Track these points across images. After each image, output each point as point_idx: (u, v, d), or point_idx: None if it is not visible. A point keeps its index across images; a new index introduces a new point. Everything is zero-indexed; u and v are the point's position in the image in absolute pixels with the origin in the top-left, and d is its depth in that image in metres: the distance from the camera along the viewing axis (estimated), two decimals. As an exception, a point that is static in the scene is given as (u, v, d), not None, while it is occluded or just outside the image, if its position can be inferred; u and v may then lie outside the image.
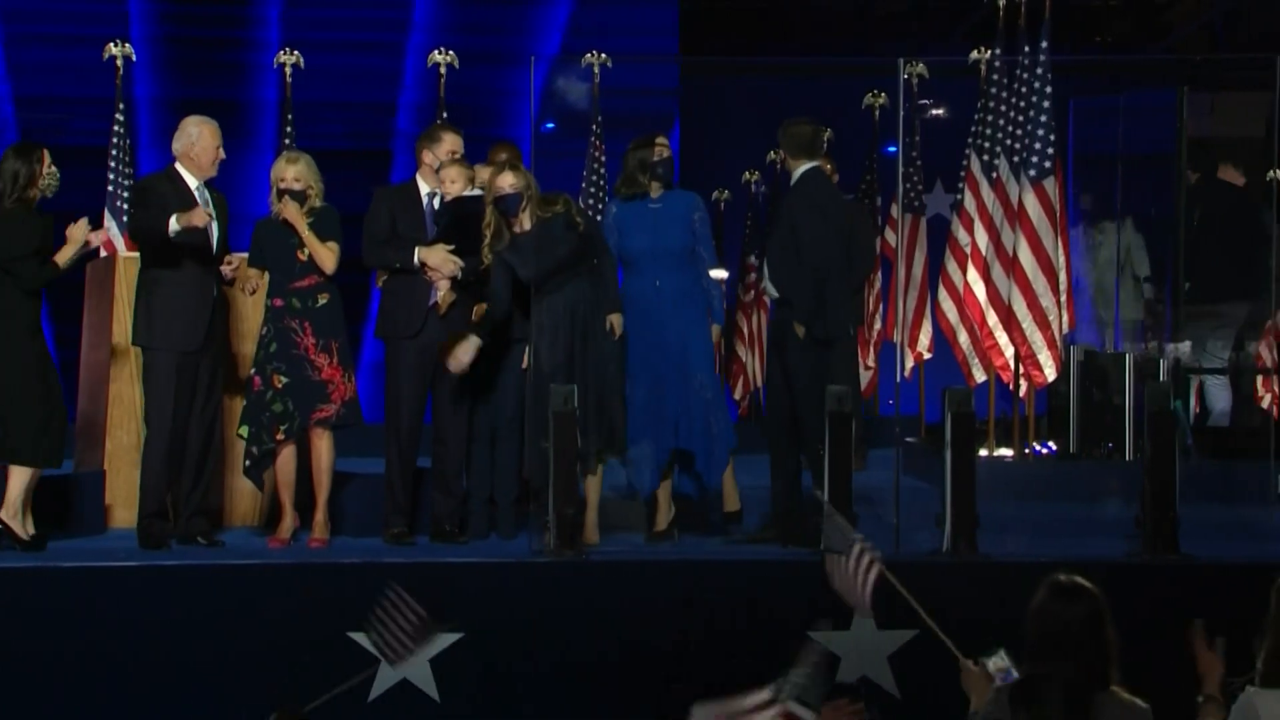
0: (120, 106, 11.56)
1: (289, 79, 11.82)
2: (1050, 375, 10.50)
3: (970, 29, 14.20)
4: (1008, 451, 11.14)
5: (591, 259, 8.96)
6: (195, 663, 7.99)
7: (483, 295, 9.03)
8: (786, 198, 9.28)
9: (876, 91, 13.18)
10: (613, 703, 8.01)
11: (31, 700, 7.89)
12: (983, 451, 10.66)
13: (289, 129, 11.71)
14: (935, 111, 13.43)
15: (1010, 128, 10.70)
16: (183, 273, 8.75)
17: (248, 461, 9.00)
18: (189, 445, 8.85)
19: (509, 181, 8.90)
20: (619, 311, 8.94)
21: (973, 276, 10.87)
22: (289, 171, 9.01)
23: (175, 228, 8.58)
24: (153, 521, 8.79)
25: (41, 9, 14.26)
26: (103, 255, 10.31)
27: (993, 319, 10.64)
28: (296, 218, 8.88)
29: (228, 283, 9.00)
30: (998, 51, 11.03)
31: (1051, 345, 10.38)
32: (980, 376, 11.04)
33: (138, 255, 9.06)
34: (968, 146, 11.23)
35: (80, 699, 7.93)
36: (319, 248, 8.90)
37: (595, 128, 12.18)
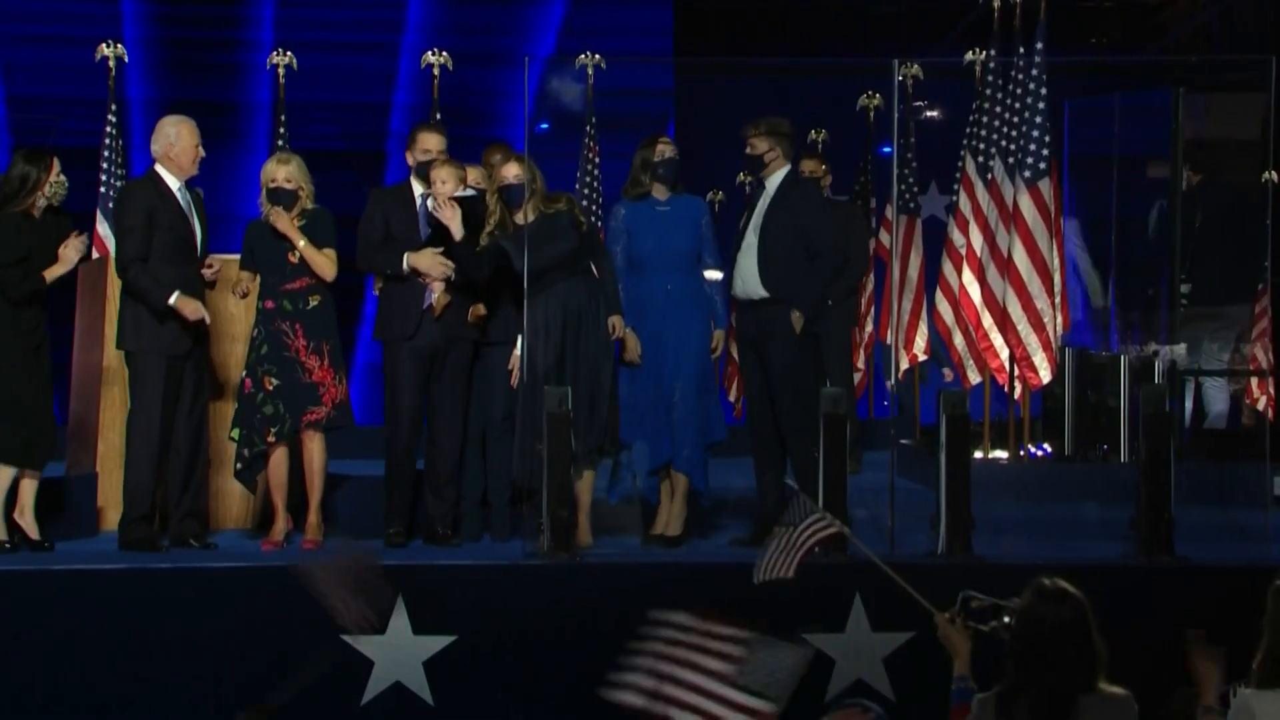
0: (113, 108, 11.53)
1: (282, 80, 11.75)
2: (1045, 377, 10.50)
3: (965, 30, 14.16)
4: (1003, 454, 11.14)
5: (589, 261, 8.98)
6: (189, 666, 8.00)
7: (476, 295, 8.99)
8: (783, 192, 9.20)
9: (871, 92, 13.12)
10: (606, 706, 7.97)
11: (24, 703, 7.90)
12: (978, 454, 10.66)
13: (282, 130, 11.67)
14: (930, 113, 13.37)
15: (1005, 129, 10.69)
16: (167, 277, 8.70)
17: (239, 464, 8.99)
18: (176, 449, 8.82)
19: (514, 172, 8.92)
20: (619, 313, 8.94)
21: (968, 278, 10.87)
22: (280, 172, 8.99)
23: (171, 304, 8.59)
24: (136, 525, 8.76)
25: (33, 9, 14.22)
26: (95, 257, 10.28)
27: (988, 321, 10.63)
28: (289, 229, 8.85)
29: (208, 285, 8.96)
30: (993, 53, 11.02)
31: (1047, 347, 10.38)
32: (975, 378, 11.00)
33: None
34: (963, 148, 11.22)
35: (73, 702, 7.92)
36: (316, 256, 8.88)
37: (589, 129, 12.16)
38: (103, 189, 11.38)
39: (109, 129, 11.51)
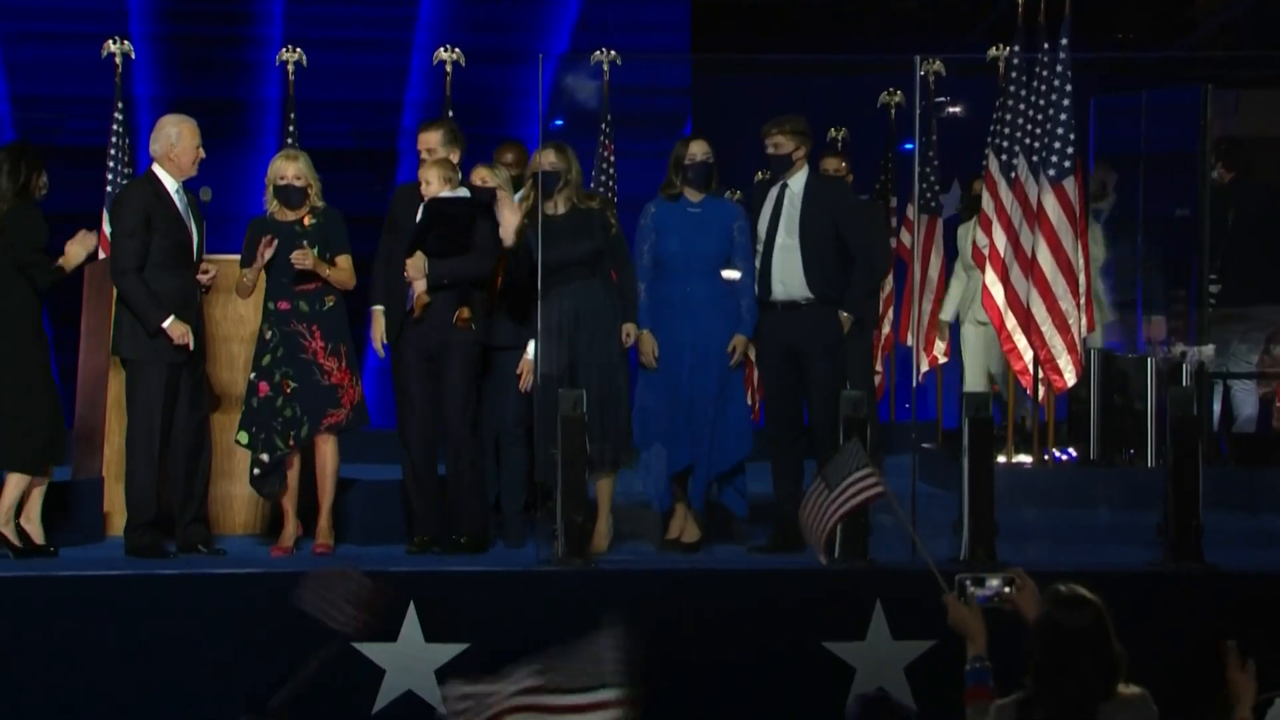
0: (119, 105, 11.46)
1: (292, 77, 11.73)
2: (1071, 379, 10.38)
3: (989, 25, 14.12)
4: (1026, 458, 11.04)
5: (609, 265, 8.93)
6: (198, 673, 7.96)
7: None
8: (814, 192, 9.09)
9: (892, 90, 13.06)
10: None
11: (32, 711, 7.86)
12: (1001, 458, 10.56)
13: (291, 128, 11.63)
14: (953, 110, 13.34)
15: (1029, 126, 10.55)
16: (166, 282, 8.64)
17: (256, 470, 8.88)
18: (177, 455, 8.76)
19: (549, 159, 8.90)
20: (633, 321, 8.88)
21: (991, 279, 10.76)
22: (289, 169, 8.92)
23: (163, 327, 8.53)
24: (142, 531, 8.70)
25: (38, 5, 14.16)
26: (101, 257, 10.18)
27: (1011, 322, 10.54)
28: (318, 266, 8.78)
29: (204, 290, 8.92)
30: (1016, 48, 10.89)
31: (1072, 349, 10.29)
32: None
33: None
34: (986, 146, 11.09)
35: (80, 709, 7.88)
36: (338, 275, 8.84)
37: (605, 127, 12.09)
38: (109, 188, 11.28)
39: (115, 127, 11.43)
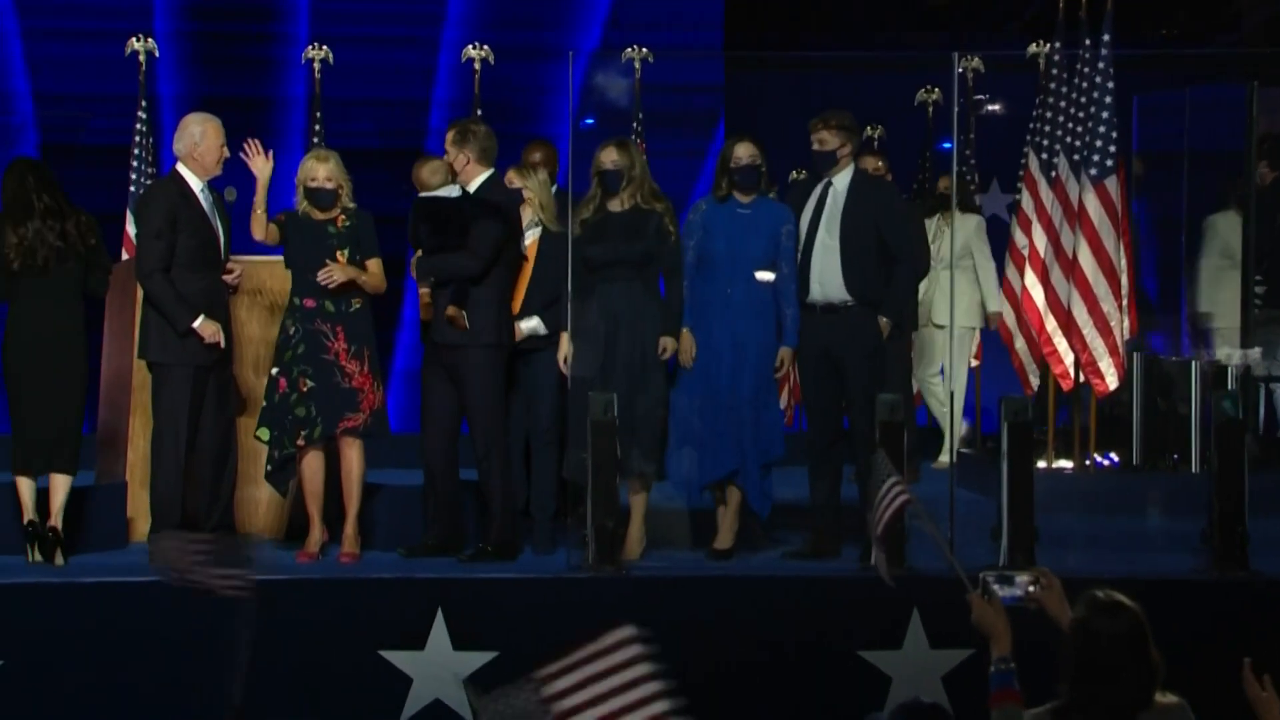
0: (143, 104, 11.48)
1: (318, 75, 11.75)
2: (1113, 383, 10.34)
3: (1029, 21, 14.09)
4: (1067, 463, 10.95)
5: (658, 270, 8.85)
6: (222, 680, 7.78)
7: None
8: (858, 191, 8.91)
9: (930, 87, 13.02)
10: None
11: (54, 716, 7.85)
12: (1041, 463, 10.47)
13: (318, 127, 11.64)
14: (991, 108, 13.32)
15: (1070, 124, 10.51)
16: (192, 283, 8.56)
17: (269, 466, 8.83)
18: (203, 460, 8.69)
19: (611, 158, 8.86)
20: (673, 335, 8.74)
21: (1031, 280, 10.76)
22: (320, 170, 8.84)
23: (193, 326, 8.46)
24: (166, 538, 8.61)
25: (61, 3, 14.16)
26: (125, 259, 10.15)
27: (1051, 324, 10.50)
28: (347, 273, 8.70)
29: (231, 291, 8.86)
30: (1057, 44, 10.87)
31: (1114, 352, 10.23)
32: (1036, 384, 10.89)
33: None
34: (1026, 144, 11.10)
35: (105, 715, 7.87)
36: (370, 280, 8.77)
37: (636, 125, 12.03)
38: (133, 188, 11.30)
39: (139, 126, 11.45)
